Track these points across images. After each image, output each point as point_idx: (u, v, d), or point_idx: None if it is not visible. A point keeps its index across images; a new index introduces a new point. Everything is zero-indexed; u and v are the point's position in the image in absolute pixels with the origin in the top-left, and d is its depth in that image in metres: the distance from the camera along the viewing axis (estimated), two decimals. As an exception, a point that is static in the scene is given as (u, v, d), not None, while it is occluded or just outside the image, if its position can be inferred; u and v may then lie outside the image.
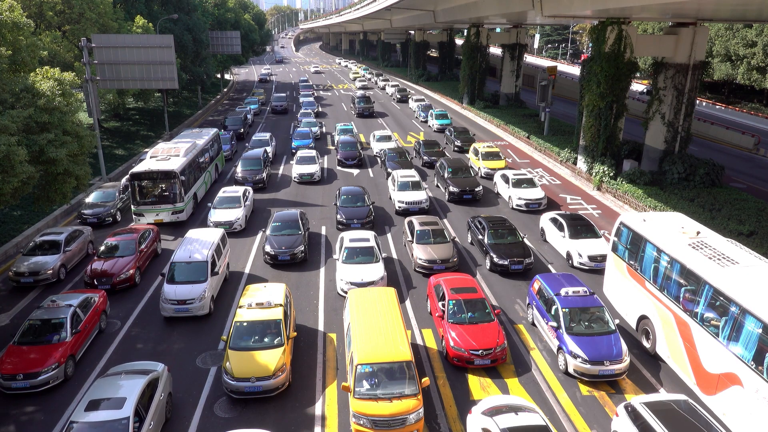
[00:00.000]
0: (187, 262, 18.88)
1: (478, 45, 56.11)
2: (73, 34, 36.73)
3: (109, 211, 26.48)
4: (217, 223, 25.12)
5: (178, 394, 14.72)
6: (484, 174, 33.63)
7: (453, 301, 16.83)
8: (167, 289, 18.24)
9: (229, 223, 25.19)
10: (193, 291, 18.16)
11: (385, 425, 12.69)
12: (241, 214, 25.72)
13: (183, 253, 19.31)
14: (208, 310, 18.38)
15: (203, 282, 18.48)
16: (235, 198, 26.58)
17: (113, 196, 27.31)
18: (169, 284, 18.39)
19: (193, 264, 18.84)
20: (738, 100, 65.09)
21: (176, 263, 18.88)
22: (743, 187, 32.12)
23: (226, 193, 27.05)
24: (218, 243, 20.32)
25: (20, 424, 13.76)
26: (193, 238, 20.33)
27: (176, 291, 18.10)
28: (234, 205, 26.15)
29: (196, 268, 18.77)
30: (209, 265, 18.87)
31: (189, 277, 18.52)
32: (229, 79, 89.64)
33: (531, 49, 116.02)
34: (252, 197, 28.26)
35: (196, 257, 19.03)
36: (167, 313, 18.12)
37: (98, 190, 27.71)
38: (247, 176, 31.59)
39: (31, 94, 20.34)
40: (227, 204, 26.25)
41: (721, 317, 13.60)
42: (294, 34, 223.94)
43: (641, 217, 18.17)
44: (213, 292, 19.01)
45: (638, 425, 11.98)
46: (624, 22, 30.05)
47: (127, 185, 27.66)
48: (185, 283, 18.36)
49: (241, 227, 25.60)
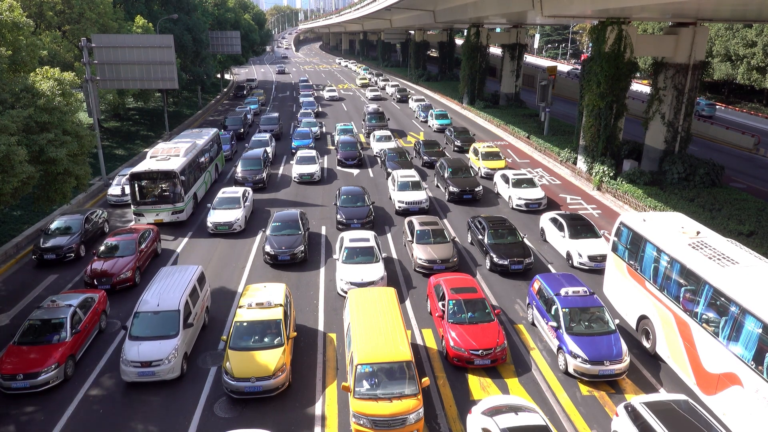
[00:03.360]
0: (154, 311, 15.71)
1: (478, 45, 56.11)
2: (73, 34, 36.74)
3: (71, 245, 22.42)
4: (217, 224, 24.99)
5: (177, 395, 14.76)
6: (484, 174, 33.63)
7: (453, 301, 16.82)
8: (129, 347, 15.01)
9: (228, 224, 25.04)
10: (161, 350, 14.92)
11: (385, 425, 12.69)
12: (240, 215, 25.53)
13: (150, 299, 16.20)
14: (179, 372, 15.19)
15: (173, 337, 15.23)
16: (234, 199, 26.36)
17: (78, 226, 23.38)
18: (131, 341, 15.16)
19: (162, 314, 15.65)
20: (738, 100, 65.10)
21: (141, 314, 15.71)
22: (743, 187, 32.11)
23: (226, 193, 26.83)
24: (194, 284, 17.27)
25: (20, 424, 13.76)
26: (164, 279, 17.35)
27: (140, 350, 14.88)
28: (234, 206, 25.95)
29: (166, 319, 15.55)
30: (181, 316, 15.68)
31: (156, 330, 15.33)
32: (229, 79, 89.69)
33: (531, 49, 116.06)
34: (252, 198, 28.10)
35: (165, 305, 15.86)
36: (129, 378, 14.85)
37: (59, 219, 23.76)
38: (247, 176, 31.53)
39: (31, 94, 20.33)
40: (227, 205, 26.04)
41: (721, 317, 13.60)
42: (294, 35, 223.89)
43: (641, 217, 18.17)
44: (187, 348, 15.78)
45: (638, 425, 11.98)
46: (624, 22, 30.05)
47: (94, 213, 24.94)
48: (151, 339, 15.16)
49: (240, 228, 25.43)
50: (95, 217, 24.78)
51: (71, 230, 23.12)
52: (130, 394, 14.84)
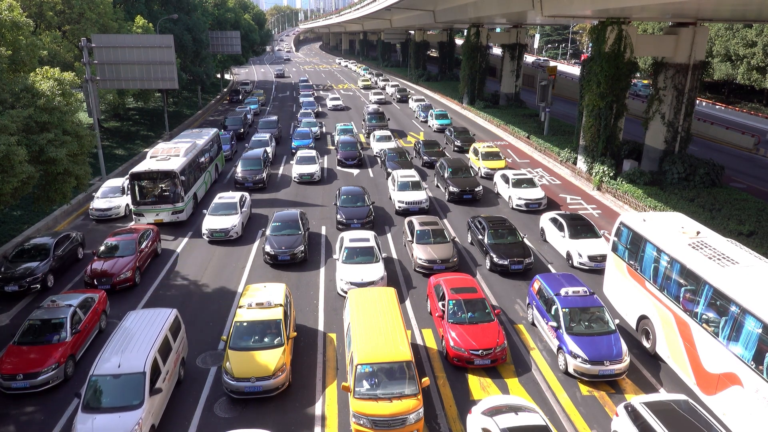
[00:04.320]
0: (113, 375, 12.92)
1: (478, 45, 56.11)
2: (73, 34, 36.72)
3: (37, 274, 19.66)
4: (212, 230, 24.10)
5: (177, 395, 14.74)
6: (484, 174, 33.63)
7: (453, 301, 16.82)
8: (82, 422, 12.24)
9: (225, 231, 24.20)
10: (120, 425, 12.16)
11: (385, 425, 12.69)
12: (237, 221, 24.61)
13: (110, 358, 13.35)
14: None
15: (137, 408, 12.53)
16: (231, 204, 25.45)
17: (48, 251, 20.51)
18: (85, 412, 12.41)
19: (123, 378, 12.89)
20: (738, 100, 65.09)
21: (97, 378, 12.90)
22: (743, 187, 32.11)
23: (222, 199, 25.93)
24: (165, 334, 14.49)
25: (20, 424, 13.75)
26: (129, 329, 14.45)
27: (94, 425, 12.13)
28: (230, 212, 25.05)
29: (127, 384, 12.81)
30: (147, 379, 12.93)
31: (115, 400, 12.60)
32: (229, 79, 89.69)
33: (531, 49, 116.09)
34: (249, 203, 27.24)
35: (127, 366, 13.08)
36: None
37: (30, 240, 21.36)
38: (247, 176, 31.35)
39: (30, 93, 20.33)
40: (223, 211, 25.14)
41: (721, 317, 13.60)
42: (294, 35, 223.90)
43: (641, 217, 18.17)
44: (154, 420, 13.07)
45: (638, 425, 11.98)
46: (624, 22, 30.05)
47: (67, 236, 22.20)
48: (109, 410, 12.41)
49: (237, 235, 24.59)
50: (68, 241, 21.96)
51: (40, 256, 20.31)
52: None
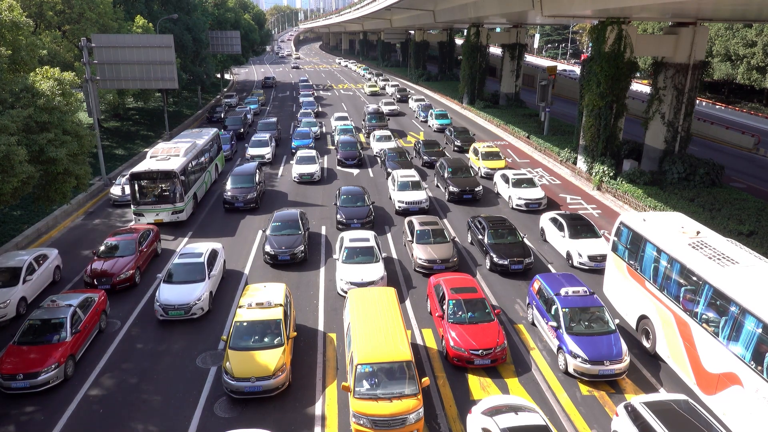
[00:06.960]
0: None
1: (478, 45, 56.11)
2: (73, 34, 36.71)
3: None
4: (166, 306, 17.40)
5: (177, 395, 14.74)
6: (484, 174, 33.63)
7: (453, 301, 16.82)
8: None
9: (184, 307, 17.45)
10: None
11: (385, 425, 12.69)
12: (202, 291, 17.82)
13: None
14: None
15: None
16: (195, 267, 18.33)
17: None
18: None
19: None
20: (738, 99, 65.09)
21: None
22: (743, 187, 32.11)
23: (184, 258, 18.83)
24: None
25: (20, 424, 13.75)
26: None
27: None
28: (194, 278, 18.06)
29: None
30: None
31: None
32: (229, 79, 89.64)
33: (531, 49, 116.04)
34: (223, 259, 20.55)
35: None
36: None
37: None
38: (237, 195, 27.89)
39: (30, 93, 20.34)
40: (184, 277, 18.04)
41: (721, 317, 13.60)
42: (294, 35, 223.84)
43: (641, 216, 18.17)
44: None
45: (638, 425, 11.98)
46: (624, 21, 30.05)
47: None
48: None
49: (202, 312, 17.88)
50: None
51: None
52: (130, 394, 14.84)
